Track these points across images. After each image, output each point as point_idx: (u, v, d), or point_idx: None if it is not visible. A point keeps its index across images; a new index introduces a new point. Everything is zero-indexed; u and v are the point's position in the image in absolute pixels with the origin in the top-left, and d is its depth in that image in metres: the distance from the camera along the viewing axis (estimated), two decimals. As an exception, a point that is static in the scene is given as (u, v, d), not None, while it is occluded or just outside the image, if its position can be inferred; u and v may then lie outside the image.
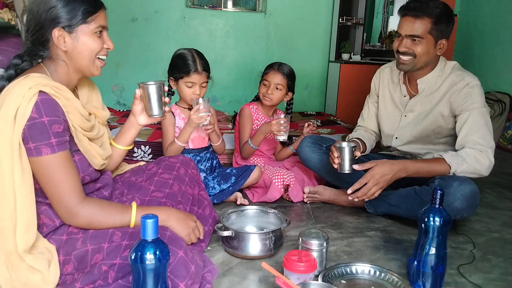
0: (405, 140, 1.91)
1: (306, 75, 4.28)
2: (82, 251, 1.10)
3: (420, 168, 1.64)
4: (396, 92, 1.94)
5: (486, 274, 1.39)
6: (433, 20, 1.67)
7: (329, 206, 1.99)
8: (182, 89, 1.88)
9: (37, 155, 1.04)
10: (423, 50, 1.71)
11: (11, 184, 1.01)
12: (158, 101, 1.31)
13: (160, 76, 1.98)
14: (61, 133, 1.06)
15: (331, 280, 1.24)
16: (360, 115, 2.13)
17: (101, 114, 1.27)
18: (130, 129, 1.40)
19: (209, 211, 1.56)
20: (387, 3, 4.55)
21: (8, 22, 2.39)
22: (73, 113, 1.11)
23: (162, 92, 1.32)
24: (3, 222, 1.01)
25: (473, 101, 1.69)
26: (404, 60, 1.75)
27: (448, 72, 1.79)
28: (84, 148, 1.17)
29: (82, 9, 1.12)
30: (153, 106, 1.31)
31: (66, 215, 1.10)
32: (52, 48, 1.14)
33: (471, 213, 1.61)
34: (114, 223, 1.14)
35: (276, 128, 1.97)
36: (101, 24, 1.17)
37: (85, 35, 1.14)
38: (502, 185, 2.39)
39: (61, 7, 1.10)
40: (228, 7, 4.07)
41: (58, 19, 1.10)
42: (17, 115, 1.00)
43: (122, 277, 1.05)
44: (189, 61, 1.84)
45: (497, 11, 3.72)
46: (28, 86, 1.02)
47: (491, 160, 1.63)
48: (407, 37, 1.71)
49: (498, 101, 3.51)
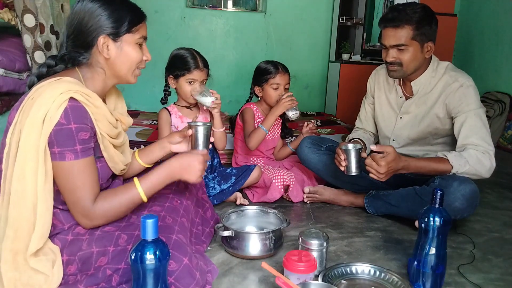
0: (403, 142, 1.91)
1: (306, 75, 4.28)
2: (87, 252, 1.09)
3: (422, 168, 1.63)
4: (391, 94, 1.93)
5: (486, 274, 1.39)
6: (414, 26, 1.66)
7: (329, 206, 1.99)
8: (182, 87, 1.88)
9: (60, 160, 1.04)
10: (410, 57, 1.70)
11: (33, 187, 1.01)
12: (206, 140, 1.41)
13: (160, 76, 1.98)
14: (87, 140, 1.07)
15: (331, 280, 1.24)
16: (358, 117, 2.13)
17: (126, 120, 1.30)
18: (160, 151, 1.40)
19: (210, 213, 1.56)
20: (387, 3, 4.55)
21: (8, 22, 2.39)
22: (101, 121, 1.12)
23: (210, 132, 1.42)
24: (20, 222, 1.01)
25: (468, 102, 1.68)
26: (392, 68, 1.75)
27: (441, 73, 1.78)
28: (109, 155, 1.17)
29: (128, 19, 1.14)
30: (201, 143, 1.39)
31: (84, 220, 1.10)
32: (94, 54, 1.14)
33: (471, 213, 1.61)
34: (127, 208, 1.15)
35: (287, 103, 2.00)
36: (144, 34, 1.20)
37: (128, 44, 1.16)
38: (502, 185, 2.39)
39: (107, 16, 1.11)
40: (228, 7, 4.08)
41: (104, 27, 1.11)
42: (46, 119, 1.01)
43: (126, 281, 1.05)
44: (189, 58, 1.85)
45: (497, 11, 3.72)
46: (59, 91, 1.02)
47: (493, 163, 1.63)
48: (392, 47, 1.71)
49: (498, 101, 3.51)
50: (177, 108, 1.96)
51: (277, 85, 2.10)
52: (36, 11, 2.33)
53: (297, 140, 2.21)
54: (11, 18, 2.39)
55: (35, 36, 2.34)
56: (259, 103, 2.23)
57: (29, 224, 1.02)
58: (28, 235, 1.02)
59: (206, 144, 1.41)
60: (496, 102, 3.51)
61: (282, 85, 2.11)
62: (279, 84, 2.10)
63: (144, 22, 1.20)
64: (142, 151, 1.42)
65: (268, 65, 2.14)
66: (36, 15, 2.32)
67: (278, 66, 2.13)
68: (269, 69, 2.12)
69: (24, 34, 2.32)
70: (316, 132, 2.42)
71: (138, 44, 1.19)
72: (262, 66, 2.16)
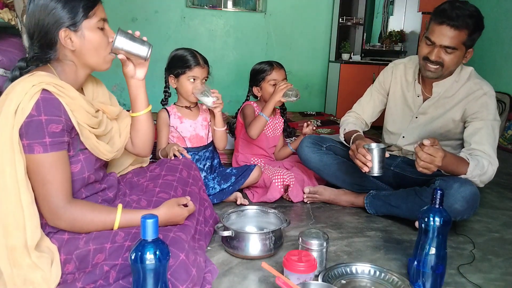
0: (412, 140, 1.89)
1: (306, 75, 4.29)
2: (84, 250, 1.10)
3: (450, 163, 1.53)
4: (409, 91, 1.89)
5: (486, 274, 1.39)
6: (469, 31, 1.58)
7: (329, 206, 1.99)
8: (184, 85, 1.87)
9: (29, 153, 1.03)
10: (454, 60, 1.64)
11: (14, 180, 1.01)
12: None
13: (160, 76, 1.98)
14: (58, 133, 1.06)
15: (331, 280, 1.24)
16: (358, 101, 2.06)
17: (109, 109, 1.27)
18: (138, 90, 1.36)
19: (209, 212, 1.56)
20: (387, 3, 4.55)
21: (8, 22, 2.39)
22: (78, 111, 1.11)
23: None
24: (7, 218, 1.01)
25: (489, 112, 1.67)
26: (432, 68, 1.67)
27: (465, 78, 1.75)
28: (91, 146, 1.17)
29: (81, 5, 1.12)
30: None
31: (49, 216, 1.08)
32: (60, 49, 1.14)
33: (471, 215, 1.60)
34: (96, 228, 1.13)
35: (283, 87, 2.00)
36: (102, 16, 1.17)
37: (89, 30, 1.14)
38: (502, 185, 2.39)
39: (62, 7, 1.10)
40: (228, 7, 4.08)
41: (62, 20, 1.10)
42: (18, 110, 1.01)
43: (123, 277, 1.05)
44: (189, 56, 1.86)
45: (497, 10, 3.72)
46: (31, 83, 1.03)
47: (492, 177, 1.63)
48: (442, 47, 1.61)
49: (498, 101, 3.51)
50: (177, 108, 1.96)
51: (274, 81, 2.11)
52: (36, 11, 2.32)
53: (297, 140, 2.22)
54: (11, 18, 2.39)
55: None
56: (259, 102, 2.24)
57: (17, 218, 1.01)
58: (18, 229, 1.01)
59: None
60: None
61: (279, 80, 2.11)
62: (276, 79, 2.11)
63: (99, 4, 1.17)
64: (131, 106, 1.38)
65: (262, 64, 2.17)
66: (36, 15, 2.32)
67: (272, 63, 2.16)
68: (264, 67, 2.15)
69: (24, 34, 2.32)
70: (316, 132, 2.43)
71: (100, 28, 1.16)
72: (257, 67, 2.19)
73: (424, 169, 1.45)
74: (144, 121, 1.38)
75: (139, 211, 1.19)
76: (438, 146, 1.43)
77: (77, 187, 1.16)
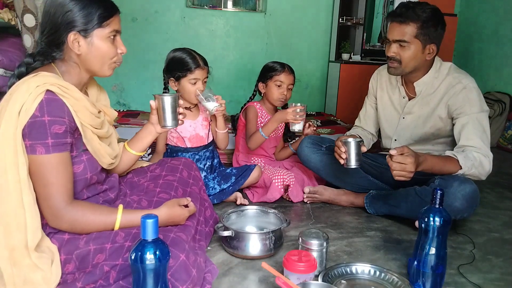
0: (404, 142, 1.91)
1: (306, 75, 4.28)
2: (84, 250, 1.10)
3: (435, 165, 1.58)
4: (394, 94, 1.93)
5: (486, 274, 1.40)
6: (419, 25, 1.66)
7: (329, 206, 1.99)
8: (185, 88, 1.87)
9: (32, 153, 1.04)
10: (410, 55, 1.70)
11: (16, 180, 1.01)
12: (172, 112, 1.35)
13: (161, 76, 1.98)
14: (61, 134, 1.06)
15: (331, 280, 1.24)
16: (358, 115, 2.13)
17: (110, 112, 1.30)
18: (147, 136, 1.42)
19: (210, 212, 1.56)
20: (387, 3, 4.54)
21: (8, 22, 2.39)
22: (82, 112, 1.11)
23: (177, 104, 1.35)
24: (8, 218, 1.01)
25: (471, 105, 1.68)
26: (392, 65, 1.76)
27: (445, 74, 1.78)
28: (93, 148, 1.17)
29: (98, 14, 1.13)
30: (167, 117, 1.35)
31: (50, 217, 1.08)
32: (66, 50, 1.14)
33: (471, 213, 1.61)
34: (97, 228, 1.13)
35: (292, 116, 1.94)
36: (115, 28, 1.18)
37: (99, 39, 1.15)
38: (502, 185, 2.39)
39: (78, 11, 1.10)
40: (228, 7, 4.07)
41: (74, 23, 1.11)
42: (21, 111, 1.01)
43: (123, 277, 1.05)
44: (189, 58, 1.85)
45: (496, 10, 3.72)
46: (36, 84, 1.03)
47: (491, 167, 1.63)
48: (394, 42, 1.71)
49: (498, 101, 3.51)
50: (178, 110, 1.95)
51: (280, 83, 2.12)
52: (36, 11, 2.33)
53: (298, 141, 2.22)
54: (11, 18, 2.39)
55: (35, 36, 2.34)
56: (262, 102, 2.24)
57: (18, 219, 1.01)
58: (19, 230, 1.01)
59: (173, 117, 1.35)
60: (496, 102, 3.50)
61: (286, 84, 2.12)
62: (283, 82, 2.12)
63: (116, 16, 1.18)
64: (131, 141, 1.42)
65: (275, 64, 2.18)
66: (36, 15, 2.32)
67: (285, 65, 2.17)
68: (275, 67, 2.16)
69: (24, 34, 2.32)
70: (316, 133, 2.43)
71: (111, 38, 1.17)
72: (270, 64, 2.20)
73: (400, 177, 1.49)
74: (131, 159, 1.43)
75: (140, 212, 1.19)
76: (408, 153, 1.47)
77: (79, 188, 1.16)
